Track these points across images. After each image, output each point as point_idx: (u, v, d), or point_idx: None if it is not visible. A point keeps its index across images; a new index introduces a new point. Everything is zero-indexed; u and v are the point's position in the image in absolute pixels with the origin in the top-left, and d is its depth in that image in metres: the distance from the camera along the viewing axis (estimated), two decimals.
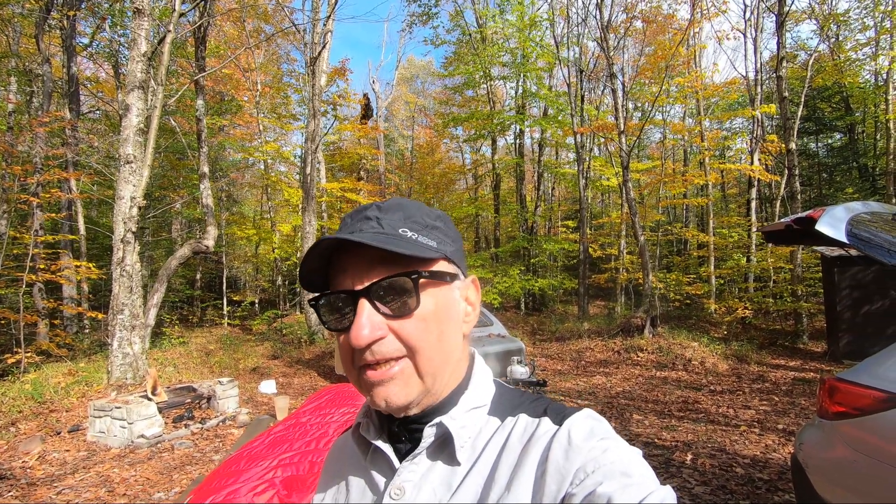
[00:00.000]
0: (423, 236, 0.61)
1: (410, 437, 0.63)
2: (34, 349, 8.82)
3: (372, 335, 0.56)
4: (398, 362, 0.58)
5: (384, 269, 0.58)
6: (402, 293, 0.58)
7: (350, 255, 0.59)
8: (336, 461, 0.74)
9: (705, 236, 15.45)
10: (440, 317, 0.60)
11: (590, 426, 0.56)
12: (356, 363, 0.59)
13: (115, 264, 7.34)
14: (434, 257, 0.61)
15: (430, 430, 0.60)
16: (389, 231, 0.59)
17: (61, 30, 12.36)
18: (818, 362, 8.81)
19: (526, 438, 0.57)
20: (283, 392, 8.06)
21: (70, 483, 4.30)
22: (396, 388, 0.58)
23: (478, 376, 0.66)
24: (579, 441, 0.53)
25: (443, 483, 0.58)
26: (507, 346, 7.26)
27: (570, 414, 0.58)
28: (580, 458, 0.51)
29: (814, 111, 18.76)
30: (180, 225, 19.03)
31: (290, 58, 22.88)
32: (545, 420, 0.59)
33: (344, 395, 3.13)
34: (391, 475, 0.62)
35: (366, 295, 0.57)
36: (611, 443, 0.53)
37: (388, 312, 0.57)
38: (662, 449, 4.65)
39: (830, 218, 2.73)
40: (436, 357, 0.59)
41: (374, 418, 0.66)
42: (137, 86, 7.55)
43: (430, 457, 0.61)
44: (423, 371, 0.58)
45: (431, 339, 0.59)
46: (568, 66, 17.27)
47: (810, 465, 2.56)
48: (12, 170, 10.04)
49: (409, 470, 0.60)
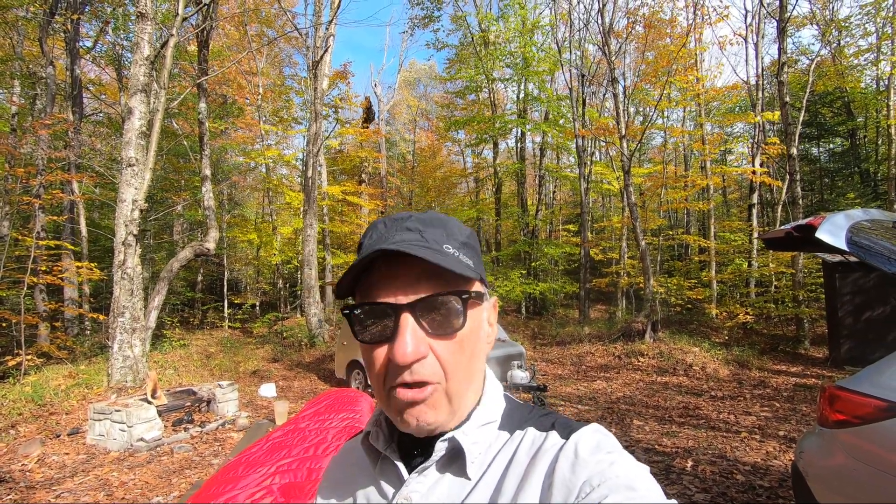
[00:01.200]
0: (462, 254, 0.60)
1: (422, 449, 0.63)
2: (35, 351, 8.83)
3: (416, 353, 0.55)
4: (431, 386, 0.57)
5: (430, 286, 0.57)
6: (449, 312, 0.57)
7: (394, 266, 0.57)
8: (342, 466, 0.74)
9: (706, 241, 15.45)
10: (473, 338, 0.60)
11: (597, 440, 0.56)
12: (389, 380, 0.57)
13: (116, 267, 7.35)
14: (474, 277, 0.60)
15: (441, 444, 0.60)
16: (435, 246, 0.57)
17: (65, 33, 12.43)
18: (820, 368, 8.78)
19: (533, 452, 0.58)
20: (282, 395, 8.05)
21: (69, 486, 4.30)
22: (428, 410, 0.57)
23: (489, 392, 0.66)
24: (586, 455, 0.53)
25: (450, 495, 0.58)
26: (507, 351, 7.25)
27: (577, 428, 0.58)
28: (586, 472, 0.51)
29: (815, 116, 18.76)
30: (182, 227, 19.07)
31: (292, 61, 23.01)
32: (553, 434, 0.59)
33: (343, 401, 3.12)
34: (399, 486, 0.62)
35: (411, 310, 0.56)
36: (617, 457, 0.53)
37: (431, 331, 0.56)
38: (663, 455, 4.63)
39: (831, 225, 2.73)
40: (464, 380, 0.59)
41: (385, 428, 0.66)
42: (140, 89, 7.59)
43: (439, 470, 0.60)
44: (452, 394, 0.58)
45: (464, 362, 0.59)
46: (570, 70, 17.32)
47: (810, 473, 2.55)
48: (15, 172, 10.08)
49: (417, 482, 0.60)
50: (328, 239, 18.72)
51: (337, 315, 15.20)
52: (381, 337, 0.57)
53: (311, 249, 13.13)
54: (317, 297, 13.06)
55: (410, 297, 0.56)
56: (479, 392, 0.65)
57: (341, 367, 8.34)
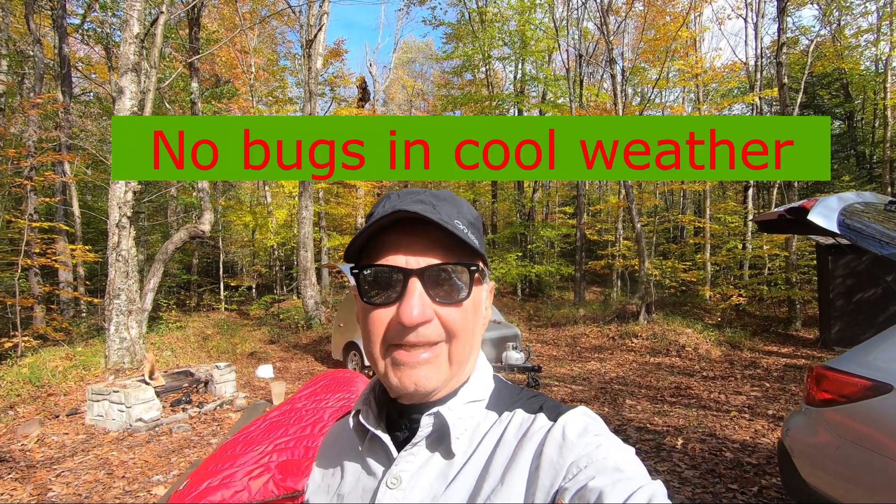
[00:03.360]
0: (471, 233, 0.61)
1: (409, 426, 0.64)
2: (31, 333, 8.84)
3: (422, 316, 0.56)
4: (433, 348, 0.58)
5: (440, 255, 0.59)
6: (457, 282, 0.59)
7: (406, 233, 0.59)
8: (332, 447, 0.75)
9: (702, 221, 15.49)
10: (474, 312, 0.63)
11: (584, 423, 0.57)
12: (389, 341, 0.59)
13: (110, 249, 7.32)
14: (481, 255, 0.63)
15: (427, 419, 0.61)
16: (447, 220, 0.58)
17: (52, 10, 12.13)
18: (810, 349, 8.92)
19: (521, 433, 0.59)
20: (280, 377, 8.12)
21: (69, 465, 4.36)
22: (428, 372, 0.58)
23: (478, 371, 0.67)
24: (573, 437, 0.54)
25: (439, 475, 0.59)
26: (502, 332, 7.33)
27: (565, 411, 0.59)
28: (574, 454, 0.52)
29: (813, 98, 18.67)
30: (176, 209, 18.94)
31: (286, 40, 22.58)
32: (541, 416, 0.60)
33: (339, 381, 3.15)
34: (388, 464, 0.63)
35: (420, 276, 0.57)
36: (604, 439, 0.54)
37: (439, 298, 0.58)
38: (654, 434, 4.73)
39: (823, 208, 2.75)
40: (467, 346, 0.61)
41: (374, 406, 0.67)
42: (130, 68, 7.45)
43: (428, 447, 0.62)
44: (455, 358, 0.60)
45: (469, 329, 0.61)
46: (567, 49, 17.10)
47: (796, 450, 2.62)
48: (6, 153, 9.94)
49: (407, 460, 0.61)
50: (324, 221, 18.66)
51: (333, 297, 15.24)
52: (388, 299, 0.58)
53: (306, 232, 13.09)
54: (313, 280, 13.08)
55: (421, 263, 0.58)
56: (472, 369, 0.66)
57: (338, 349, 8.40)
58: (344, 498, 0.66)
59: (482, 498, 0.54)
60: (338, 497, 0.67)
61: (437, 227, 0.58)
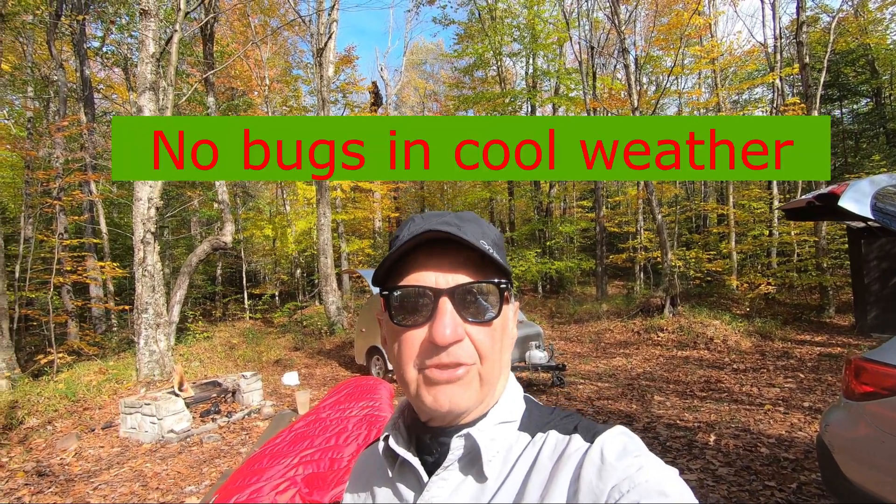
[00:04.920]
0: (496, 253, 0.61)
1: (439, 449, 0.63)
2: (66, 349, 9.12)
3: (454, 335, 0.56)
4: (465, 367, 0.58)
5: (469, 274, 0.59)
6: (486, 301, 0.59)
7: (433, 254, 0.59)
8: (362, 473, 0.74)
9: (725, 208, 15.13)
10: (504, 331, 0.63)
11: (623, 443, 0.55)
12: (423, 362, 0.58)
13: (136, 264, 7.51)
14: (508, 273, 0.63)
15: (458, 440, 0.60)
16: (472, 240, 0.58)
17: (72, 35, 12.52)
18: (845, 336, 8.62)
19: (556, 456, 0.57)
20: (305, 383, 8.21)
21: (106, 478, 4.47)
22: (461, 391, 0.58)
23: (508, 392, 0.66)
24: (612, 459, 0.52)
25: (472, 498, 0.58)
26: (525, 332, 7.26)
27: (601, 431, 0.57)
28: (614, 477, 0.50)
29: (837, 77, 18.05)
30: (198, 223, 19.35)
31: (297, 49, 22.87)
32: (576, 437, 0.58)
33: (362, 389, 3.15)
34: (419, 489, 0.61)
35: (451, 295, 0.57)
36: (645, 460, 0.52)
37: (470, 317, 0.58)
38: (685, 430, 4.62)
39: (855, 192, 2.63)
40: (496, 366, 0.61)
41: (403, 430, 0.66)
42: (148, 87, 7.62)
43: (460, 470, 0.60)
44: (485, 379, 0.59)
45: (497, 349, 0.60)
46: (579, 41, 16.89)
47: (836, 445, 2.52)
48: (36, 175, 10.30)
49: (438, 485, 0.60)
50: (342, 227, 18.83)
51: (355, 302, 15.36)
52: (419, 321, 0.58)
53: (325, 238, 13.22)
54: (334, 286, 13.20)
55: (451, 282, 0.58)
56: (502, 390, 0.65)
57: (361, 354, 8.45)
58: None
59: None
60: None
61: (465, 247, 0.59)
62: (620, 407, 5.57)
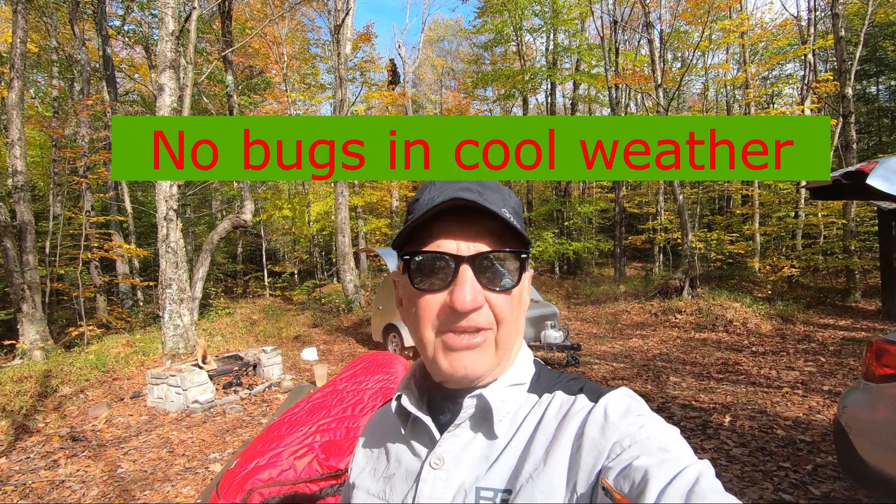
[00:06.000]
0: (516, 222, 0.61)
1: (451, 408, 0.65)
2: (95, 322, 9.46)
3: (474, 303, 0.57)
4: (483, 333, 0.59)
5: (490, 242, 0.60)
6: (507, 269, 0.60)
7: (454, 221, 0.60)
8: (375, 431, 0.77)
9: (750, 189, 14.73)
10: (520, 298, 0.64)
11: (626, 404, 0.57)
12: (441, 326, 0.60)
13: (160, 241, 7.69)
14: (528, 242, 0.63)
15: (469, 400, 0.62)
16: (494, 209, 0.58)
17: (94, 14, 12.62)
18: (871, 321, 8.42)
19: (562, 414, 0.59)
20: (323, 359, 8.40)
21: (135, 444, 4.68)
22: (478, 357, 0.60)
23: (520, 356, 0.68)
24: (615, 418, 0.54)
25: (481, 455, 0.60)
26: (541, 311, 7.27)
27: (606, 392, 0.59)
28: (616, 434, 0.52)
29: (874, 51, 17.19)
30: (220, 201, 19.64)
31: (315, 26, 22.70)
32: (581, 397, 0.60)
33: (378, 363, 3.20)
34: (431, 445, 0.64)
35: (472, 263, 0.58)
36: (647, 419, 0.54)
37: (490, 285, 0.59)
38: (700, 411, 4.61)
39: (884, 170, 2.55)
40: (513, 332, 0.62)
41: (415, 390, 0.69)
42: (168, 65, 7.69)
43: (471, 428, 0.63)
44: (501, 344, 0.61)
45: (514, 316, 0.62)
46: (602, 16, 16.40)
47: (854, 427, 2.49)
48: (63, 153, 10.55)
49: (450, 441, 0.62)
50: (359, 208, 18.91)
51: (372, 281, 15.53)
52: (439, 286, 0.59)
53: (343, 217, 13.32)
54: (351, 264, 13.34)
55: (472, 250, 0.59)
56: (515, 354, 0.67)
57: (378, 331, 8.58)
58: (388, 479, 0.68)
59: (524, 478, 0.55)
60: (382, 479, 0.69)
61: (486, 215, 0.59)
62: (635, 387, 5.57)
